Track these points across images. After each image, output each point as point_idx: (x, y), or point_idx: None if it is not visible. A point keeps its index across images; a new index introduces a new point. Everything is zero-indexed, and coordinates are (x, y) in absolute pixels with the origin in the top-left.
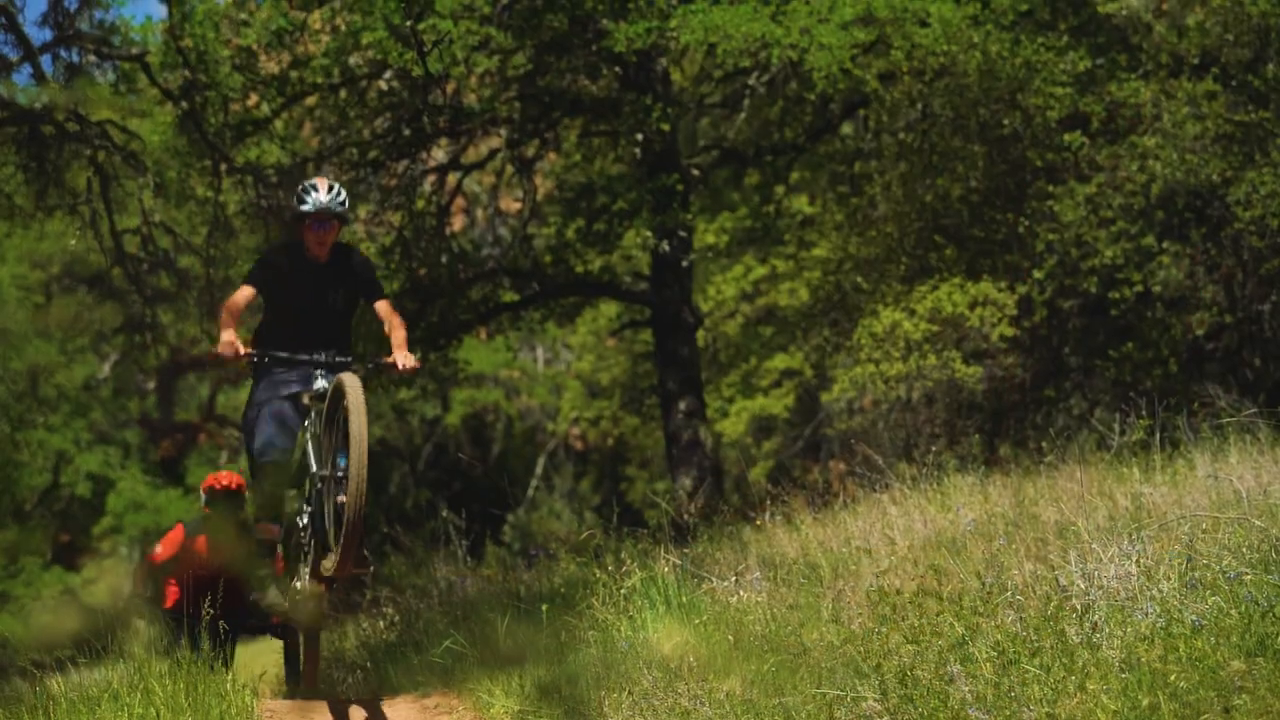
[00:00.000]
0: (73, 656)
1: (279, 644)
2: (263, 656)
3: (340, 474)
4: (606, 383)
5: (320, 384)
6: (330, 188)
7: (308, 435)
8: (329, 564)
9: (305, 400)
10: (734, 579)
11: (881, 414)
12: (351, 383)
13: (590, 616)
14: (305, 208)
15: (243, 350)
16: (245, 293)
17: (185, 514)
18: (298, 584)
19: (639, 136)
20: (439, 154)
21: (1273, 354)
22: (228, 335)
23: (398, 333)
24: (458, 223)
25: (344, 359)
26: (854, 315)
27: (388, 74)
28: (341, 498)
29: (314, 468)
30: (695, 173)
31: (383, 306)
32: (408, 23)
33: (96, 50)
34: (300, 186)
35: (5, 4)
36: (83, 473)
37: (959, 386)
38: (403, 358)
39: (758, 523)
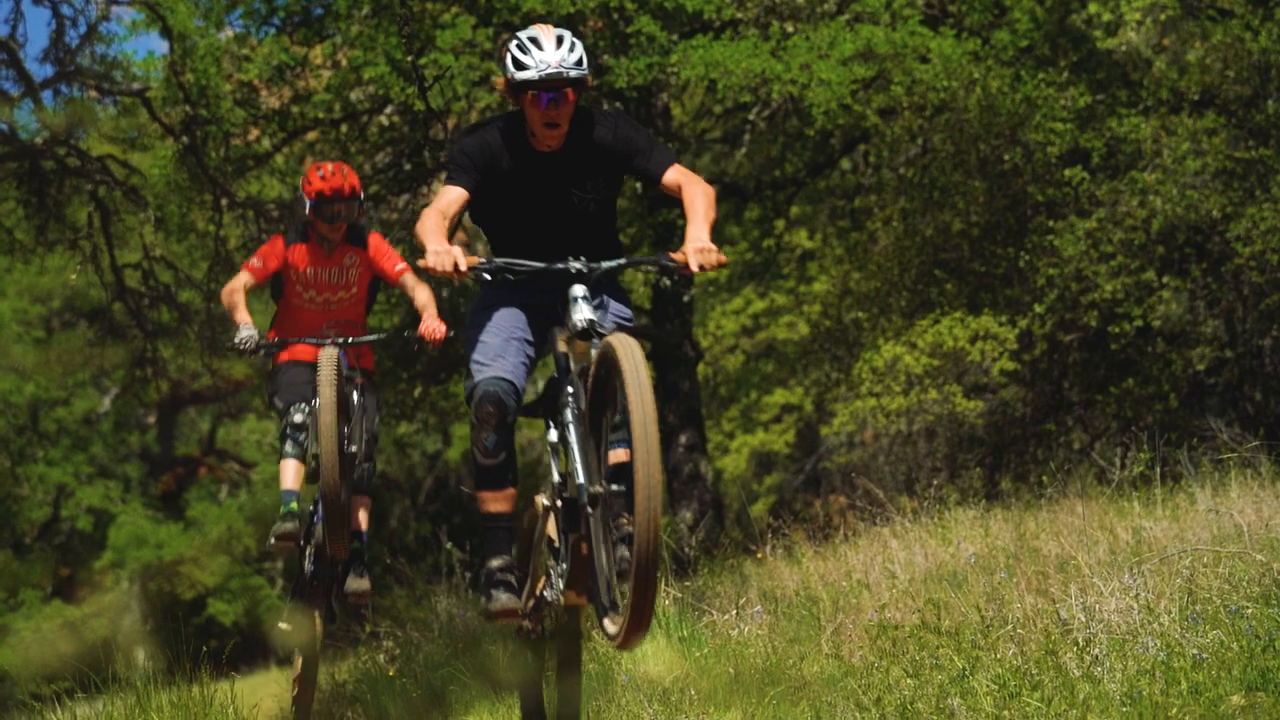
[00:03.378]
0: (71, 689)
1: (280, 675)
2: (262, 688)
3: (614, 492)
4: None
5: (583, 313)
6: (559, 39)
7: (567, 416)
8: (610, 627)
9: (561, 344)
10: (735, 612)
11: (882, 448)
12: (625, 347)
13: (591, 649)
14: (525, 74)
15: (463, 262)
16: (453, 195)
17: (186, 548)
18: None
19: None
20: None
21: (1273, 388)
22: (438, 239)
23: (695, 216)
24: None
25: (610, 266)
26: (854, 349)
27: (389, 109)
28: (624, 524)
29: (580, 477)
30: None
31: (674, 177)
32: (409, 58)
33: (98, 86)
34: (514, 41)
35: (7, 40)
36: (83, 507)
37: (960, 420)
38: (699, 254)
39: (759, 556)
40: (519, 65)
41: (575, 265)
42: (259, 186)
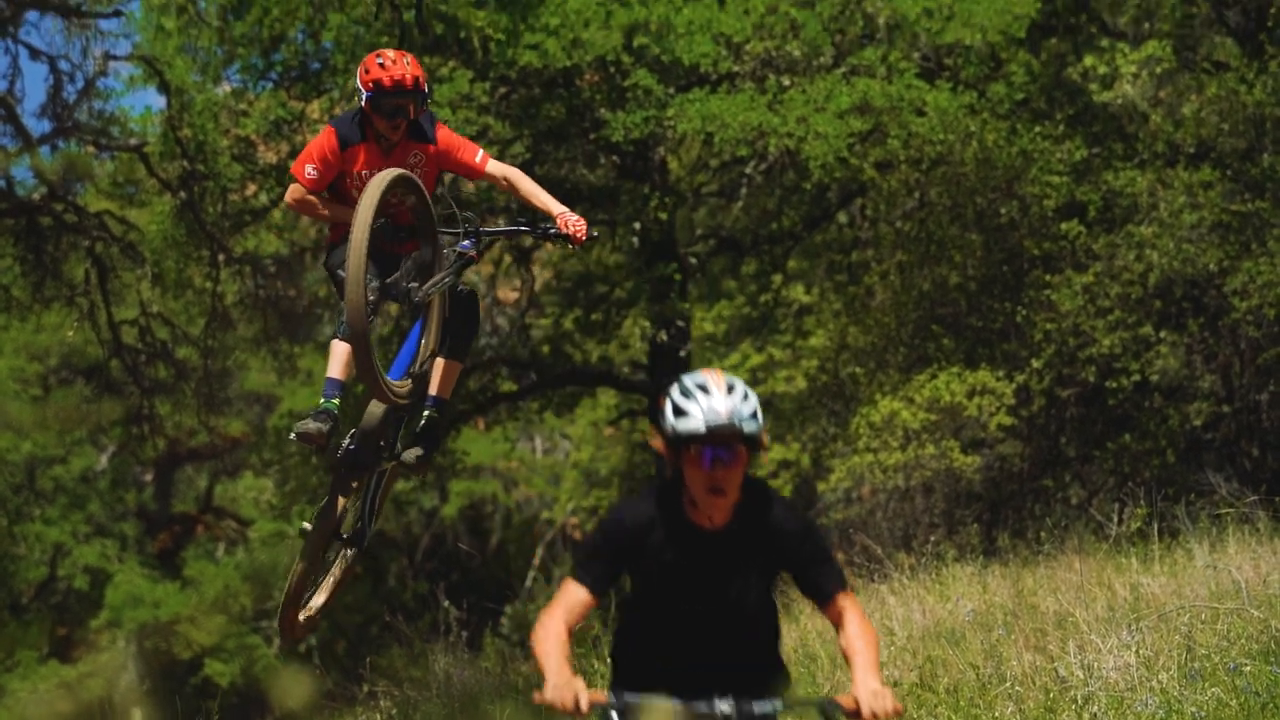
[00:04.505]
0: None
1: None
2: None
3: None
4: (605, 472)
5: None
6: (730, 386)
7: None
8: None
9: None
10: None
11: (880, 503)
12: None
13: None
14: (687, 425)
15: (584, 700)
16: (579, 599)
17: (183, 607)
18: None
19: (637, 225)
20: None
21: (1270, 443)
22: (560, 672)
23: (865, 665)
24: None
25: (764, 710)
26: (851, 404)
27: None
28: None
29: None
30: (693, 261)
31: (842, 605)
32: None
33: (95, 141)
34: (675, 387)
35: (4, 95)
36: (80, 565)
37: (957, 476)
38: (873, 698)
39: None
40: (679, 413)
41: (723, 709)
42: (256, 242)
